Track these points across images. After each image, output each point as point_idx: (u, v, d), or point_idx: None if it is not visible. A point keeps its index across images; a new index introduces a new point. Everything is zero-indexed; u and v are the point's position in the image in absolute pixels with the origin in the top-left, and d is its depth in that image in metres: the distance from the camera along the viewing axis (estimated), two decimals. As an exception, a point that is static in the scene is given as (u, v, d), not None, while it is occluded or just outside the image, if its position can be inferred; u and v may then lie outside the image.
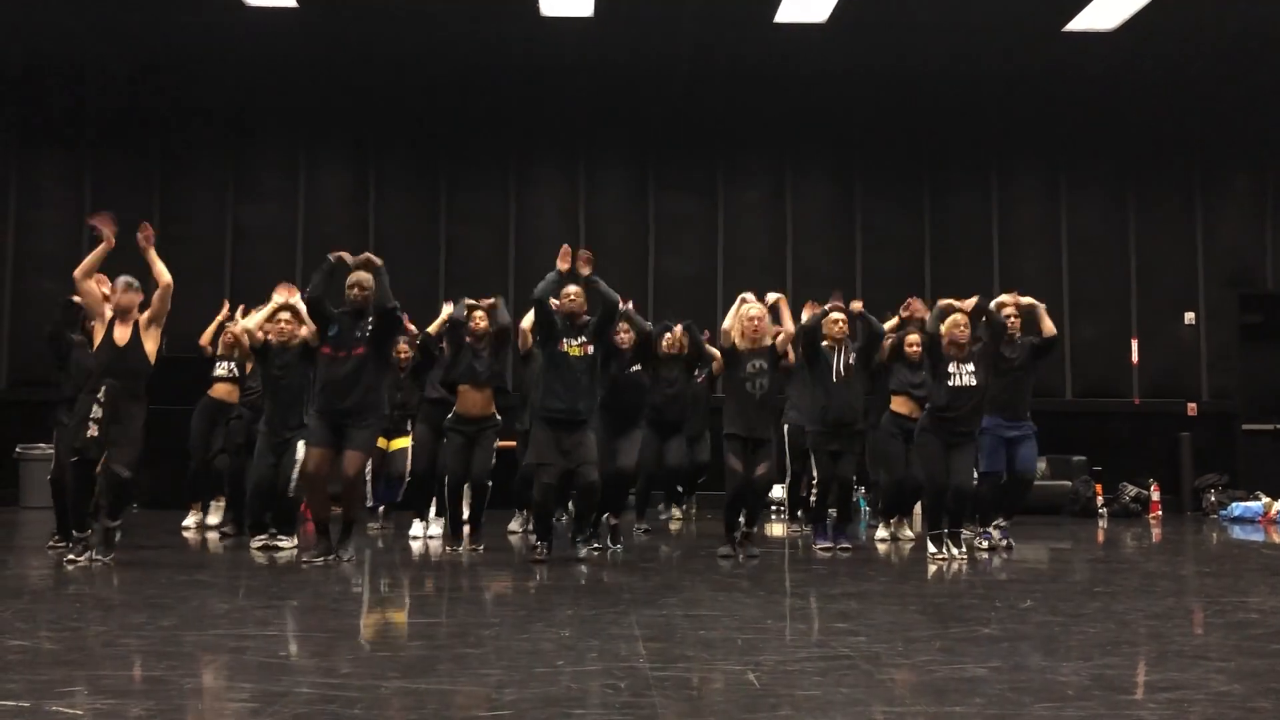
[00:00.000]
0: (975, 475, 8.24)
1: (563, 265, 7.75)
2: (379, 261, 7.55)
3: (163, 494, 11.21)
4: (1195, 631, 5.55)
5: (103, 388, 7.05)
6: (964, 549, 7.95)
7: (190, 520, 9.91)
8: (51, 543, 8.10)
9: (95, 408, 7.02)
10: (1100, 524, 11.49)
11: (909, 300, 8.79)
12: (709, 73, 12.97)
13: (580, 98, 13.35)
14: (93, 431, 7.01)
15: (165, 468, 10.61)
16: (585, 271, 7.77)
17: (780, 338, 8.04)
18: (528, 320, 8.19)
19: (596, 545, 8.07)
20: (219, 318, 9.79)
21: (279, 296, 8.13)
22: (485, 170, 13.52)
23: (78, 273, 7.23)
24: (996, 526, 8.57)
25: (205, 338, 9.83)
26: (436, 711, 3.69)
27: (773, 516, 11.09)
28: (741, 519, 7.98)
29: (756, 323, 7.92)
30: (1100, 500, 12.27)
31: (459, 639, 5.11)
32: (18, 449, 12.20)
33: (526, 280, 13.14)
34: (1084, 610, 5.82)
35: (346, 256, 7.61)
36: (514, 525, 9.69)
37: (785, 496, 10.57)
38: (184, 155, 13.41)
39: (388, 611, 5.81)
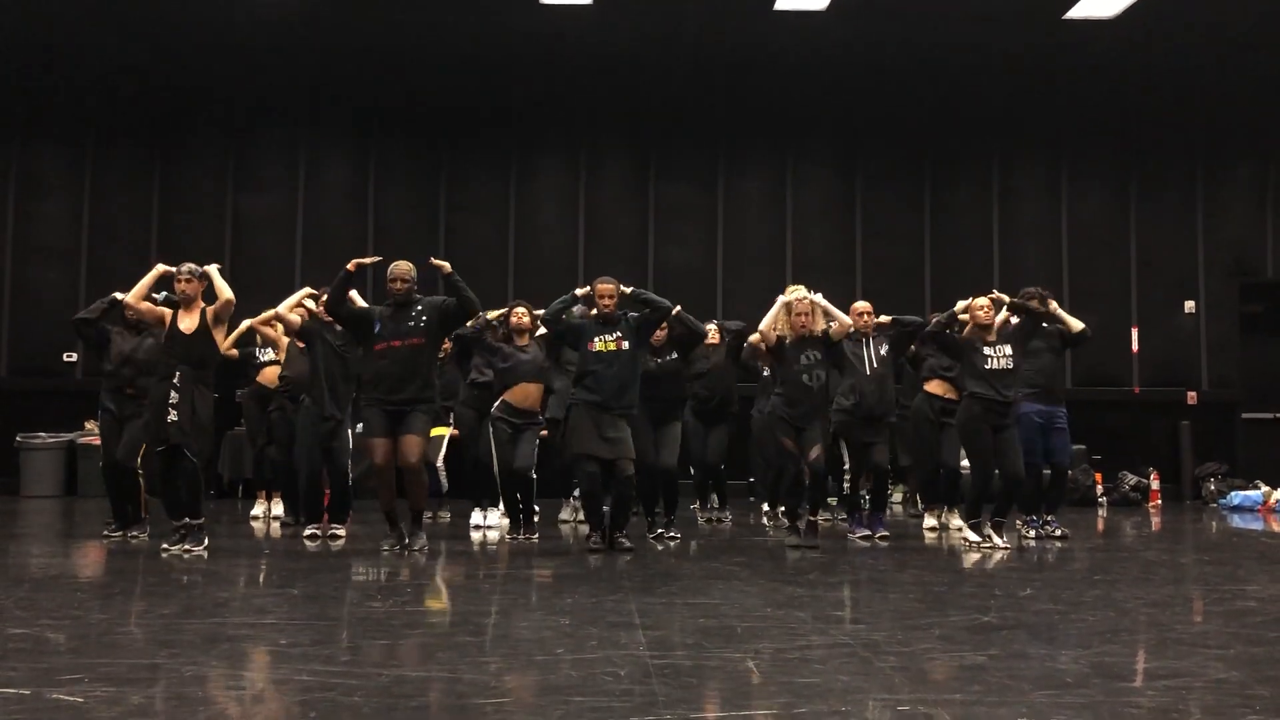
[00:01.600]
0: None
1: (582, 292, 7.92)
2: (448, 268, 7.55)
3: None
4: (1194, 619, 5.56)
5: (176, 374, 7.20)
6: (1006, 538, 7.95)
7: (258, 510, 9.88)
8: (106, 531, 8.12)
9: (173, 393, 7.18)
10: (1100, 512, 11.49)
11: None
12: (709, 61, 12.93)
13: (580, 86, 13.31)
14: (173, 416, 7.16)
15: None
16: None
17: (835, 327, 7.98)
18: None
19: (673, 534, 8.24)
20: (241, 329, 9.13)
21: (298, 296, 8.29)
22: (485, 159, 13.47)
23: (131, 298, 7.54)
24: (1047, 522, 8.53)
25: (226, 345, 8.51)
26: (436, 699, 3.70)
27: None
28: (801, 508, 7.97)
29: (804, 319, 7.92)
30: (1100, 489, 12.26)
31: (459, 627, 5.12)
32: (18, 438, 12.19)
33: (526, 270, 13.17)
34: (1083, 598, 5.82)
35: (365, 261, 7.69)
36: (565, 514, 9.68)
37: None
38: (184, 144, 13.36)
39: (390, 600, 5.81)
